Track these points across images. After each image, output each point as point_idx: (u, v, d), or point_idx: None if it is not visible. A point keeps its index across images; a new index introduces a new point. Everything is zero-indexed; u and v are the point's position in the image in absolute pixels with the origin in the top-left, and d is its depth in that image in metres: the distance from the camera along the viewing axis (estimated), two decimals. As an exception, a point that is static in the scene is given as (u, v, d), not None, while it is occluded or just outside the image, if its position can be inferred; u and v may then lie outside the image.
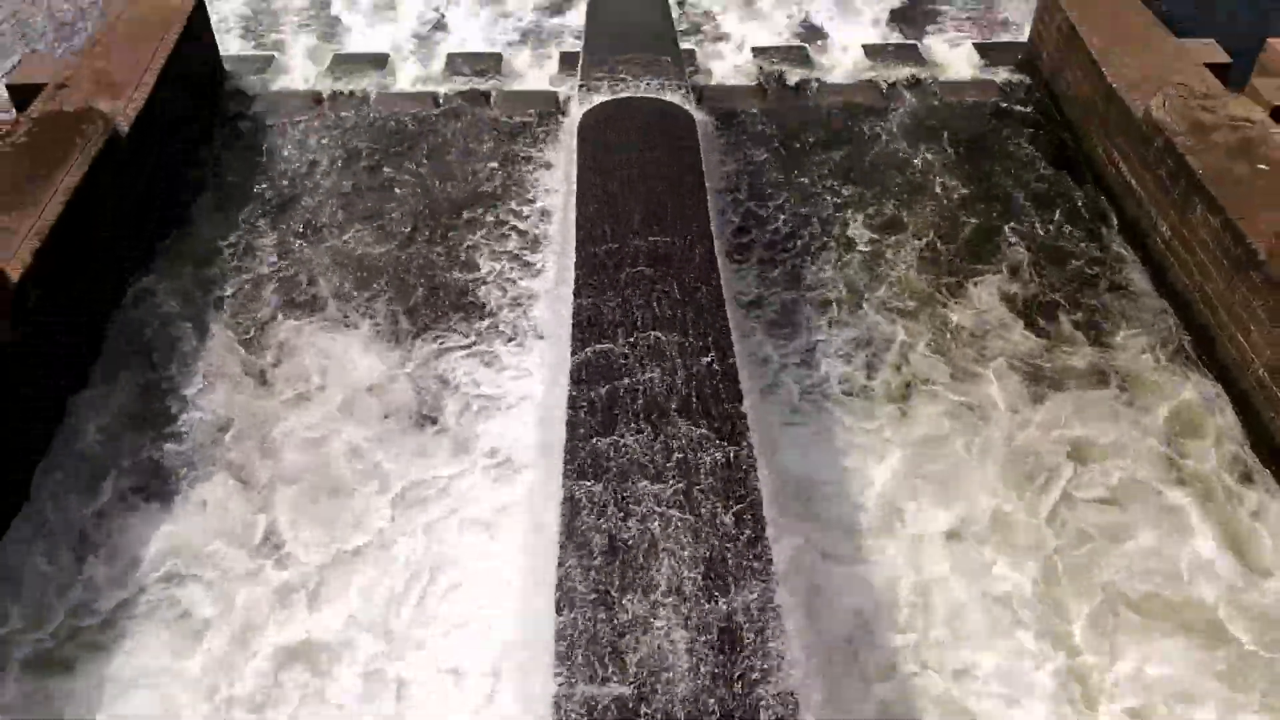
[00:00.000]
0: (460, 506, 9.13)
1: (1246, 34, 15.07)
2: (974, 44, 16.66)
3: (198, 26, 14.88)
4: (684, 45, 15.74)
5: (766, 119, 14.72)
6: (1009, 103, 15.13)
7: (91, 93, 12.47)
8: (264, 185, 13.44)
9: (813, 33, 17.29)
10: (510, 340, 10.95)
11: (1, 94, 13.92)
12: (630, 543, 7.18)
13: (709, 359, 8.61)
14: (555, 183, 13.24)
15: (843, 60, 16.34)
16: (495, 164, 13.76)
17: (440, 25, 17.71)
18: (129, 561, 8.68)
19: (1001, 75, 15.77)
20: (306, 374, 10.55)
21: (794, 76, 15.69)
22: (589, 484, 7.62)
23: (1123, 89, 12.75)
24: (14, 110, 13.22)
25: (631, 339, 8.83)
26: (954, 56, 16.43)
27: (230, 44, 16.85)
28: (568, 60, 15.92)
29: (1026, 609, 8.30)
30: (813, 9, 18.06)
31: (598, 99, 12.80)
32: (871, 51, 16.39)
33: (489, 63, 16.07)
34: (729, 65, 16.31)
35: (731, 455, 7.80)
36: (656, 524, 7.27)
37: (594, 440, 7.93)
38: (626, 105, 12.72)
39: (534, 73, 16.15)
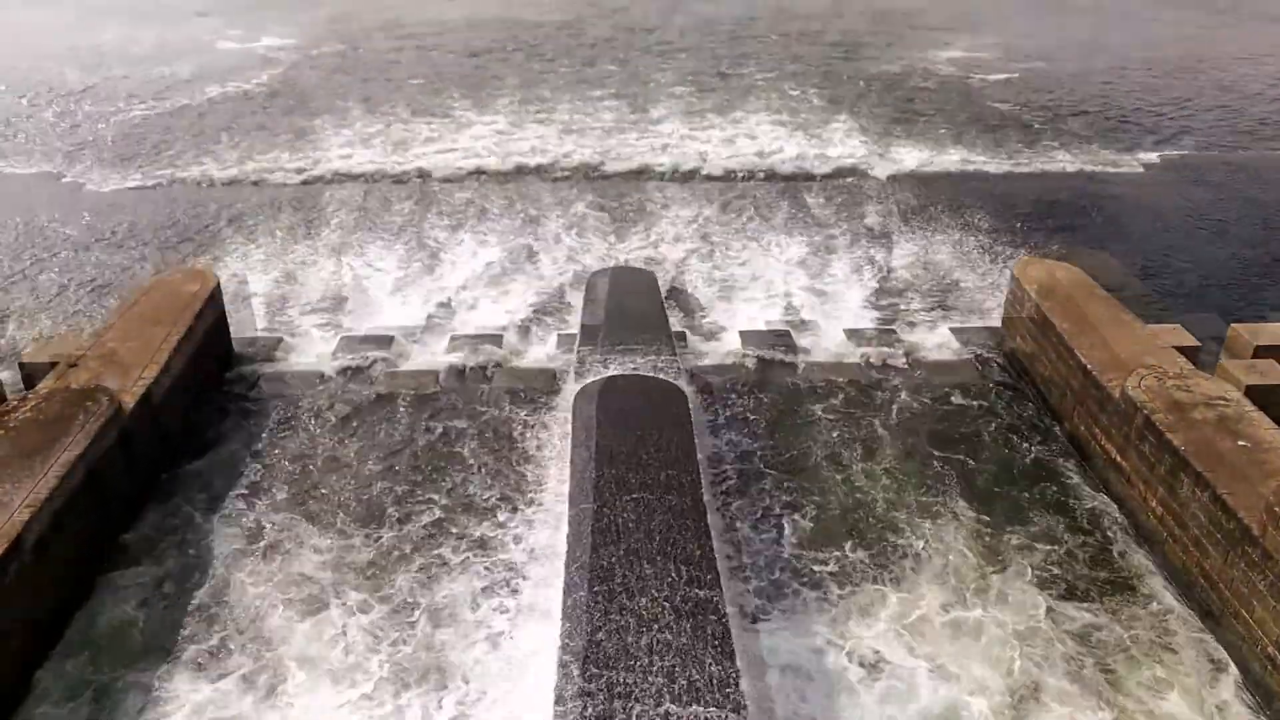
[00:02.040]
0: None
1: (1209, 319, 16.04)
2: (950, 328, 17.53)
3: (213, 310, 15.67)
4: (675, 328, 16.53)
5: (752, 393, 15.22)
6: (985, 383, 15.68)
7: (100, 372, 12.91)
8: (259, 450, 13.76)
9: (796, 317, 18.25)
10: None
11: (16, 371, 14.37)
12: None
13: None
14: (549, 453, 13.46)
15: (824, 342, 17.13)
16: (492, 433, 14.05)
17: (445, 310, 18.69)
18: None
19: (977, 357, 16.47)
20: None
21: (778, 356, 16.36)
22: None
23: (1097, 370, 13.25)
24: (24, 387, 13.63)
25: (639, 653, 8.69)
26: (931, 339, 17.23)
27: (243, 327, 17.66)
28: (564, 341, 16.65)
29: None
30: (795, 296, 19.19)
31: (592, 376, 13.28)
32: (852, 335, 17.20)
33: (490, 343, 16.77)
34: (717, 346, 17.07)
35: None
36: None
37: None
38: (619, 382, 13.19)
39: (532, 352, 16.84)
